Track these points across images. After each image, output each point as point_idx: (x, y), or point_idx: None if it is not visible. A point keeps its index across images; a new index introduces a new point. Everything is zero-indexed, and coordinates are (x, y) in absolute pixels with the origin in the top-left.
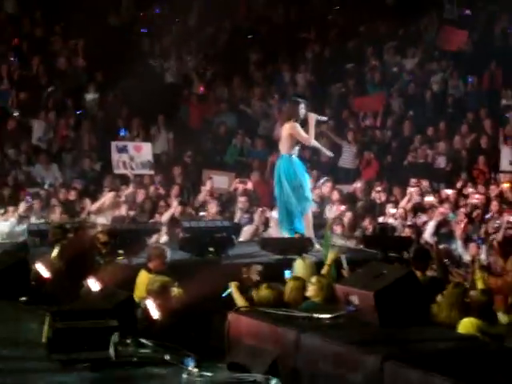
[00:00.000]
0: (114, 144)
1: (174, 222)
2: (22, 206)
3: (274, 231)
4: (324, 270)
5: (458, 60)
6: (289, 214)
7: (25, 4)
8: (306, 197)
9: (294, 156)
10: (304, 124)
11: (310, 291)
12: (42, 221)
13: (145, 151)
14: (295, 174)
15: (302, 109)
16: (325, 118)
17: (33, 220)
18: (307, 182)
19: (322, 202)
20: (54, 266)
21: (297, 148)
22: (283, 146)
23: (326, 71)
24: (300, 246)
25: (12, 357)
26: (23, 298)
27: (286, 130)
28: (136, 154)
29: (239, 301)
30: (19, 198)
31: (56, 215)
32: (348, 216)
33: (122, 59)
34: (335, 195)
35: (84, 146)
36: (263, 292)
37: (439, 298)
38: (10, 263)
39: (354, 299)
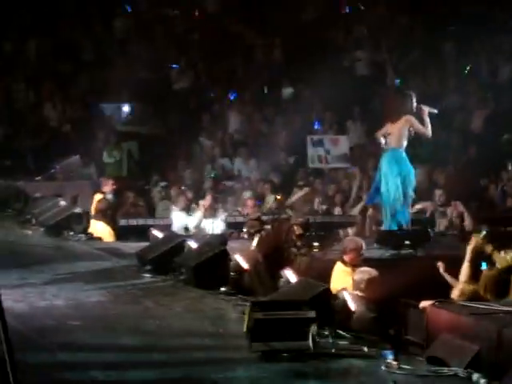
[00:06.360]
0: (309, 138)
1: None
2: (208, 200)
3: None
4: None
5: None
6: (392, 208)
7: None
8: (410, 192)
9: (402, 150)
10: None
11: None
12: (236, 214)
13: (341, 144)
14: (402, 169)
15: (413, 101)
16: (435, 111)
17: (220, 214)
18: (413, 176)
19: None
20: (253, 257)
21: (405, 143)
22: (393, 141)
23: None
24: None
25: (213, 346)
26: (223, 289)
27: (400, 123)
28: (332, 148)
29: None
30: (217, 191)
31: (249, 209)
32: None
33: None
34: None
35: (278, 140)
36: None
37: None
38: (210, 254)
39: None
